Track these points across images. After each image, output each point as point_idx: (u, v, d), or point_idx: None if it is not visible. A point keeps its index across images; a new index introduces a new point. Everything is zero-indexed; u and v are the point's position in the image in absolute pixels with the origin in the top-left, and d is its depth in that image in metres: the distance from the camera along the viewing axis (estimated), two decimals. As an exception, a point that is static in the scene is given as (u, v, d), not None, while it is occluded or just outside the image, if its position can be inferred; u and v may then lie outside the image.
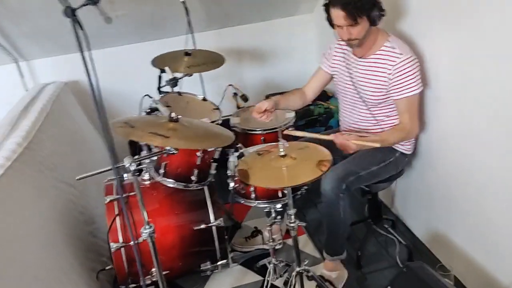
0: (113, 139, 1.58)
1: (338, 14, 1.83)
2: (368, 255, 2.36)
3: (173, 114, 1.61)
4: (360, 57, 2.03)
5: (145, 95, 1.77)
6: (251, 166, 1.65)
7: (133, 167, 1.55)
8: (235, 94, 2.71)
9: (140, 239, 1.67)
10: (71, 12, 1.32)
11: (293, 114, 2.62)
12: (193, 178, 1.97)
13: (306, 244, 2.51)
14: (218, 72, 2.95)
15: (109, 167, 1.56)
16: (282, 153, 1.61)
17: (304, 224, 1.84)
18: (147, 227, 1.67)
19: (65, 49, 3.05)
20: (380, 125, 2.08)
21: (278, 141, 1.65)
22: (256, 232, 2.52)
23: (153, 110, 1.98)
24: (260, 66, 3.52)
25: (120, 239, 2.03)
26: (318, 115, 3.18)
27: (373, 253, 2.38)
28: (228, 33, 3.33)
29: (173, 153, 1.62)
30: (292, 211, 1.75)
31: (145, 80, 2.53)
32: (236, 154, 1.90)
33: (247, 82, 3.48)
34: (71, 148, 2.61)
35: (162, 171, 1.96)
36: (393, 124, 2.04)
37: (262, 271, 2.28)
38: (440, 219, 2.19)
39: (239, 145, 1.86)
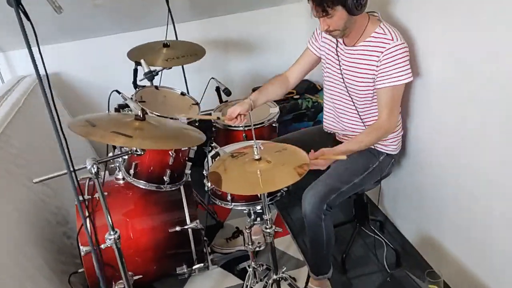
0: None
1: (311, 6, 1.73)
2: (354, 258, 2.26)
3: (139, 112, 1.48)
4: (349, 46, 1.90)
5: (113, 91, 1.65)
6: (224, 170, 1.53)
7: (94, 169, 1.44)
8: (218, 88, 2.60)
9: (103, 246, 1.55)
10: (15, 1, 1.19)
11: (277, 109, 2.51)
12: (165, 178, 1.85)
13: (289, 246, 2.41)
14: (202, 64, 2.83)
15: (66, 170, 1.44)
16: (257, 157, 1.50)
17: (280, 229, 1.73)
18: (111, 232, 1.56)
19: (43, 40, 2.91)
20: (364, 123, 1.95)
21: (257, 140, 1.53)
22: (238, 232, 2.42)
23: (123, 106, 1.85)
24: (247, 58, 3.38)
25: (90, 242, 1.92)
26: (306, 109, 3.06)
27: (359, 256, 2.28)
28: (213, 24, 3.18)
29: (139, 154, 1.50)
30: (267, 216, 1.63)
31: (126, 73, 2.40)
32: (211, 153, 1.78)
33: (233, 75, 3.35)
34: (46, 144, 2.49)
35: (132, 171, 1.85)
36: None
37: (243, 274, 2.18)
38: (431, 222, 2.09)
39: (213, 144, 1.74)
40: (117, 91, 1.69)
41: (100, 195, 1.48)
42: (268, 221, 1.64)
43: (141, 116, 1.48)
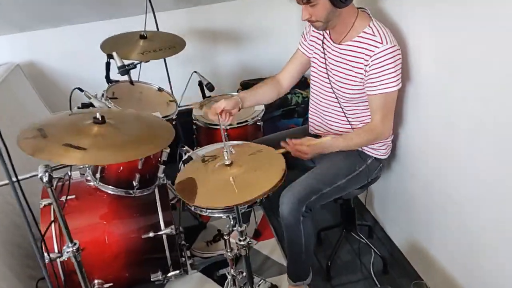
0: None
1: None
2: (340, 265, 2.14)
3: (97, 115, 1.34)
4: (337, 43, 1.76)
5: (75, 88, 1.51)
6: (193, 178, 1.40)
7: (46, 178, 1.31)
8: (200, 82, 2.46)
9: (62, 258, 1.43)
10: None
11: (262, 107, 2.36)
12: (135, 183, 1.72)
13: (274, 250, 2.29)
14: (187, 57, 2.68)
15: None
16: (227, 162, 1.36)
17: (255, 242, 1.61)
18: (69, 245, 1.43)
19: (18, 27, 2.76)
20: (352, 126, 1.82)
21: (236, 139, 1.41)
22: (219, 236, 2.30)
23: (86, 106, 1.71)
24: (235, 50, 3.21)
25: (56, 248, 1.80)
26: (296, 105, 2.92)
27: (345, 262, 2.16)
28: (199, 13, 3.00)
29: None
30: (241, 228, 1.51)
31: (103, 63, 2.22)
32: (184, 158, 1.64)
33: (220, 67, 3.20)
34: (14, 135, 2.35)
35: (99, 175, 1.72)
36: None
37: (223, 280, 2.06)
38: (420, 230, 1.96)
39: (185, 148, 1.60)
40: (79, 88, 1.55)
41: (54, 206, 1.35)
42: (242, 233, 1.51)
43: (100, 118, 1.34)
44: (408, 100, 1.82)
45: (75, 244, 1.44)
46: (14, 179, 1.27)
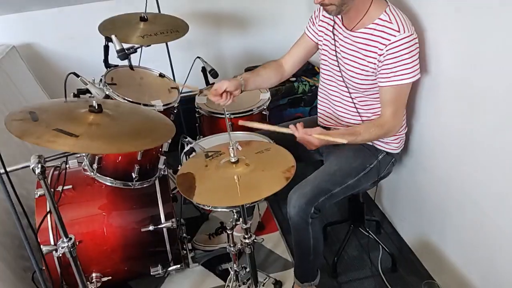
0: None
1: None
2: (347, 261, 2.06)
3: (94, 103, 1.25)
4: (349, 29, 1.64)
5: (70, 73, 1.41)
6: (196, 173, 1.31)
7: (38, 169, 1.22)
8: (204, 68, 2.35)
9: (57, 254, 1.35)
10: None
11: (268, 95, 2.26)
12: (134, 175, 1.63)
13: (278, 244, 2.21)
14: (190, 41, 2.57)
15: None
16: (234, 159, 1.27)
17: (262, 239, 1.52)
18: (64, 240, 1.35)
19: (14, 7, 2.65)
20: (362, 117, 1.72)
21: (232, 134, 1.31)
22: (221, 229, 2.22)
23: (82, 92, 1.60)
24: (241, 34, 3.08)
25: (52, 240, 1.73)
26: (303, 93, 2.81)
27: (353, 258, 2.08)
28: (204, -5, 2.89)
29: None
30: (246, 226, 1.42)
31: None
32: (186, 149, 1.54)
33: (225, 53, 3.08)
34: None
35: (96, 166, 1.62)
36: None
37: (225, 274, 1.99)
38: (432, 227, 1.88)
39: (187, 138, 1.51)
40: (75, 73, 1.45)
41: (49, 202, 1.27)
42: (247, 231, 1.42)
43: (96, 107, 1.24)
44: (424, 91, 1.71)
45: (70, 239, 1.36)
46: (1, 170, 1.18)
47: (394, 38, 1.50)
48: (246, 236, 1.45)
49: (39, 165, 1.21)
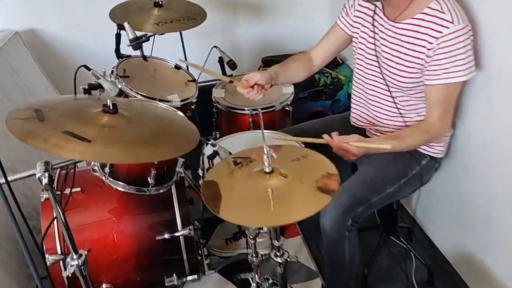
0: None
1: None
2: (378, 271, 1.90)
3: (108, 102, 1.08)
4: (392, 20, 1.46)
5: (81, 66, 1.24)
6: (221, 182, 1.15)
7: (45, 179, 1.06)
8: (221, 59, 2.17)
9: (66, 273, 1.19)
10: None
11: (291, 89, 2.08)
12: (150, 180, 1.46)
13: (300, 250, 2.05)
14: (204, 28, 2.36)
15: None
16: (268, 169, 1.10)
17: (296, 259, 1.36)
18: (74, 256, 1.19)
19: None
20: (405, 120, 1.54)
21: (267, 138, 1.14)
22: (240, 233, 2.06)
23: (94, 87, 1.42)
24: (257, 22, 2.86)
25: (58, 249, 1.58)
26: (324, 86, 2.63)
27: (384, 268, 1.92)
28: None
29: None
30: (279, 242, 1.26)
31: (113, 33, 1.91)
32: (209, 152, 1.37)
33: (240, 42, 2.88)
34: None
35: (108, 169, 1.46)
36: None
37: (245, 284, 1.84)
38: (474, 238, 1.71)
39: (211, 141, 1.33)
40: (85, 66, 1.28)
41: (58, 214, 1.10)
42: (279, 249, 1.26)
43: (111, 107, 1.07)
44: (474, 88, 1.53)
45: (80, 255, 1.20)
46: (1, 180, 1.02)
47: (446, 31, 1.31)
48: (278, 254, 1.28)
49: (47, 174, 1.05)
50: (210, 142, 1.33)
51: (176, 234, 1.63)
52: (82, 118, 1.06)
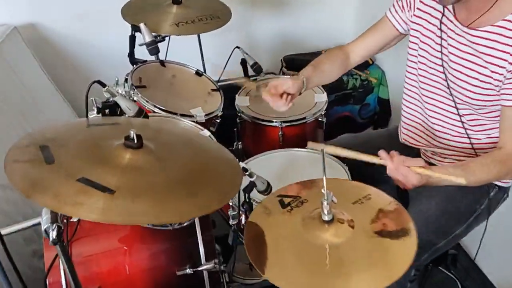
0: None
1: None
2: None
3: (132, 134, 0.86)
4: (466, 25, 1.23)
5: (94, 82, 1.02)
6: (267, 231, 0.94)
7: (54, 233, 0.84)
8: (244, 61, 1.95)
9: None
10: None
11: (324, 97, 1.86)
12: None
13: None
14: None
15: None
16: (327, 218, 0.89)
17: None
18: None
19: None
20: (472, 142, 1.32)
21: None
22: (265, 258, 1.86)
23: (109, 106, 1.19)
24: (277, 17, 2.64)
25: (64, 283, 1.38)
26: (353, 89, 2.42)
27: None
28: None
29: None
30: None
31: (124, 31, 1.70)
32: (244, 184, 1.15)
33: (258, 39, 2.65)
34: (8, 118, 1.88)
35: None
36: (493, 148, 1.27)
37: (270, 315, 1.65)
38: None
39: (249, 171, 1.10)
40: (99, 81, 1.06)
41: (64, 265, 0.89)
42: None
43: (135, 139, 0.86)
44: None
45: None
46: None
47: None
48: None
49: (55, 226, 0.83)
50: (247, 173, 1.11)
51: (200, 268, 1.43)
52: (100, 157, 0.84)
